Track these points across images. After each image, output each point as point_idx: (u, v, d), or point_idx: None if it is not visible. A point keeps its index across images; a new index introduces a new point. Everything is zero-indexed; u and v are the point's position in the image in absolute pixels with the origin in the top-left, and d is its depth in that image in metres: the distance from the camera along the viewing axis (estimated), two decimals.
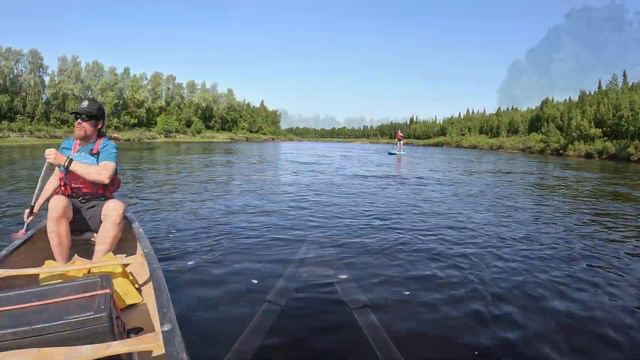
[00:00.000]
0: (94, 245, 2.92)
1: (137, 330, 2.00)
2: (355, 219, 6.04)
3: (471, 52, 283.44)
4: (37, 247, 3.01)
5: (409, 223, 5.77)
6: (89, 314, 1.54)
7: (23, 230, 3.01)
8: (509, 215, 6.71)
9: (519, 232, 5.46)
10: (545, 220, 6.48)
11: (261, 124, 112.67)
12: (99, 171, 2.96)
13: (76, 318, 1.52)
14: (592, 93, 57.42)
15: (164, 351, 1.46)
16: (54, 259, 2.81)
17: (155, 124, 72.88)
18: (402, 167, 18.19)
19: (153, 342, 1.53)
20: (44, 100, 61.58)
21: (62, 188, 3.08)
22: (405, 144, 47.93)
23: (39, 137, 50.16)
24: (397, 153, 31.17)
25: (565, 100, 65.35)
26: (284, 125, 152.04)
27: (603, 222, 6.36)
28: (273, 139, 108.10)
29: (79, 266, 2.61)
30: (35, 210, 3.03)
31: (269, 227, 5.45)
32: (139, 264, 2.87)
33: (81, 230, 3.13)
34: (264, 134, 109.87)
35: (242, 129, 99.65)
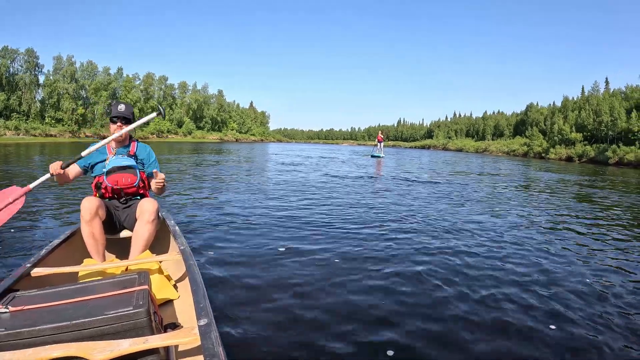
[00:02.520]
0: (130, 243, 2.92)
1: (174, 326, 2.04)
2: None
3: (460, 54, 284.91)
4: (75, 246, 3.03)
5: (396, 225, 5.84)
6: (128, 309, 1.57)
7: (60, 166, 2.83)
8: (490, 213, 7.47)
9: (500, 230, 5.85)
10: (503, 212, 7.25)
11: (250, 124, 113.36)
12: (165, 184, 3.17)
13: (115, 313, 1.55)
14: (575, 98, 59.21)
15: (200, 345, 1.47)
16: (92, 258, 2.84)
17: (148, 124, 73.17)
18: (381, 169, 18.44)
19: (190, 336, 1.55)
20: (39, 99, 61.66)
21: (102, 191, 3.10)
22: (393, 146, 47.61)
23: (34, 136, 50.46)
24: (377, 155, 30.56)
25: (550, 104, 67.03)
26: (272, 127, 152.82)
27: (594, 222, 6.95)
28: (262, 140, 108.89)
29: (116, 264, 2.65)
30: (62, 169, 2.85)
31: (304, 224, 5.50)
32: (175, 261, 2.88)
33: (118, 229, 3.16)
34: (253, 134, 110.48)
35: (232, 130, 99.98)
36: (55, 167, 2.80)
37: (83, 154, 2.92)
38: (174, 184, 9.68)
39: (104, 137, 3.34)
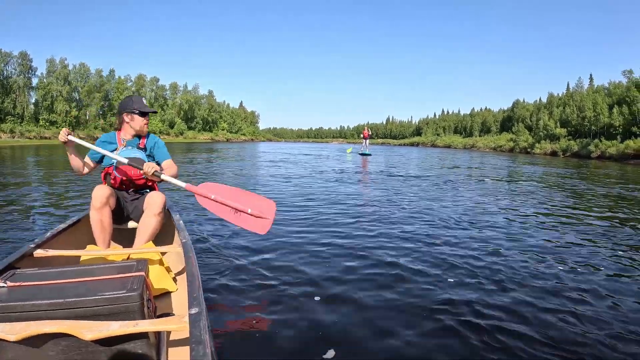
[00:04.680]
0: (135, 234, 2.93)
1: (168, 316, 1.99)
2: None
3: (448, 53, 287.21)
4: (80, 231, 3.06)
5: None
6: (121, 292, 1.58)
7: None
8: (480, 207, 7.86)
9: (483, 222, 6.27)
10: (498, 206, 7.66)
11: (240, 124, 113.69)
12: (175, 172, 3.17)
13: (108, 295, 1.56)
14: (560, 95, 60.68)
15: (189, 333, 1.47)
16: (96, 245, 2.85)
17: None
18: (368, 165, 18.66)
19: (179, 323, 1.55)
20: (32, 102, 61.66)
21: (112, 182, 3.11)
22: (382, 144, 45.25)
23: (29, 138, 50.48)
24: (363, 152, 28.51)
25: (535, 101, 68.45)
26: (262, 126, 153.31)
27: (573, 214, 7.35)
28: (252, 140, 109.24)
29: (118, 251, 2.68)
30: (69, 137, 2.92)
31: (306, 223, 5.31)
32: (176, 253, 2.88)
33: (124, 219, 3.17)
34: (244, 134, 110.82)
35: (223, 130, 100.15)
36: (62, 134, 2.91)
37: (97, 149, 3.01)
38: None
39: (96, 139, 3.30)
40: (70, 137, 2.93)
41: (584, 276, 3.47)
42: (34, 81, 63.20)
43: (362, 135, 30.77)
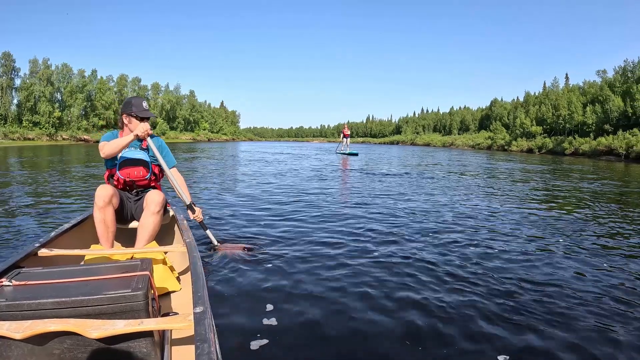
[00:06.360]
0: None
1: (172, 315, 2.03)
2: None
3: (427, 52, 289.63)
4: (84, 231, 3.09)
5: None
6: (126, 291, 1.59)
7: None
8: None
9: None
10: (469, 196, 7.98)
11: (222, 124, 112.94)
12: (182, 181, 3.41)
13: (113, 294, 1.57)
14: (537, 94, 61.99)
15: (193, 331, 1.47)
16: (100, 244, 2.86)
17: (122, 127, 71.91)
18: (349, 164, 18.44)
19: (184, 322, 1.56)
20: (15, 103, 60.19)
21: (115, 182, 3.14)
22: (363, 142, 43.07)
23: (13, 140, 49.49)
24: (344, 152, 27.58)
25: (513, 100, 69.82)
26: (242, 125, 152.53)
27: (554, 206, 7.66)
28: (233, 139, 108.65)
29: (122, 251, 2.69)
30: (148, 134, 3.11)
31: (309, 220, 5.38)
32: (180, 253, 2.90)
33: (127, 219, 3.20)
34: (225, 134, 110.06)
35: (204, 130, 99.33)
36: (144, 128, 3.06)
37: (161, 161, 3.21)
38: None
39: (82, 140, 3.38)
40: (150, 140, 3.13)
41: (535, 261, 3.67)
42: (17, 82, 61.79)
43: (342, 134, 29.27)
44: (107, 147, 2.98)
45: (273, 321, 2.46)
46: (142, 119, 3.16)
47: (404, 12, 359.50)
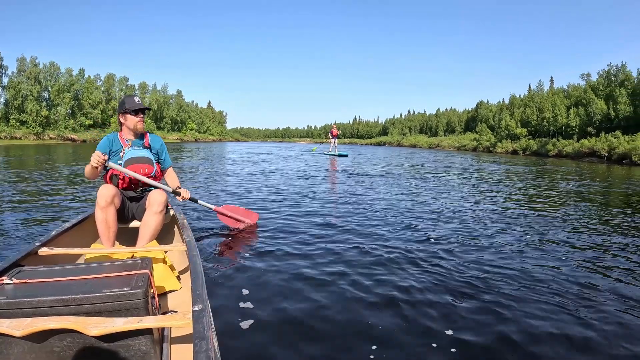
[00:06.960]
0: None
1: (171, 313, 2.02)
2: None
3: (415, 53, 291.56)
4: (85, 230, 3.11)
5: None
6: (126, 289, 1.60)
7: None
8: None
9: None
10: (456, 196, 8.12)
11: (209, 124, 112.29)
12: (178, 182, 3.52)
13: (113, 292, 1.58)
14: (522, 96, 62.46)
15: (192, 329, 1.48)
16: (101, 243, 2.86)
17: (110, 125, 71.04)
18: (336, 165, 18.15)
19: (183, 320, 1.57)
20: (3, 102, 59.13)
21: (120, 181, 3.17)
22: (349, 143, 40.72)
23: (0, 139, 49.11)
24: (333, 153, 26.34)
25: (499, 102, 70.50)
26: (229, 126, 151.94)
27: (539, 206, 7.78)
28: (220, 140, 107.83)
29: (122, 250, 2.69)
30: (103, 162, 2.91)
31: (314, 222, 5.30)
32: (180, 252, 2.91)
33: (128, 218, 3.22)
34: (212, 134, 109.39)
35: (191, 130, 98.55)
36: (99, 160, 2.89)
37: (110, 164, 3.03)
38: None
39: (69, 139, 3.23)
40: (110, 164, 3.00)
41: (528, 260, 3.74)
42: (5, 80, 60.68)
43: (330, 135, 27.91)
44: (86, 174, 3.01)
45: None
46: (136, 113, 3.21)
47: (392, 13, 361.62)
